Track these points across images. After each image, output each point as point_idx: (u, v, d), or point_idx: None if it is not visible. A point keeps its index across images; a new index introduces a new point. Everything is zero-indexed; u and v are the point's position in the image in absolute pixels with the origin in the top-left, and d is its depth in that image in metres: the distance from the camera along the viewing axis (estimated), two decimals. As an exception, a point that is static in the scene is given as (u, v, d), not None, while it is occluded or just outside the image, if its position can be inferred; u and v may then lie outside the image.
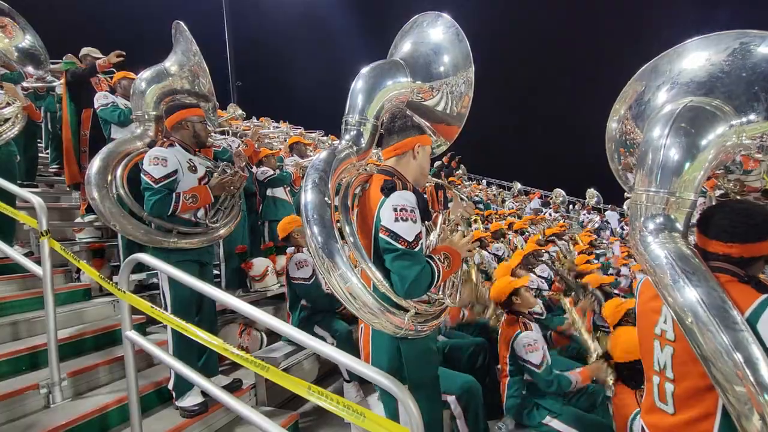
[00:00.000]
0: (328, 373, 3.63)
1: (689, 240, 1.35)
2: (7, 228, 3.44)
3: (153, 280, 3.72)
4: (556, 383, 2.49)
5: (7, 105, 3.64)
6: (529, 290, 2.86)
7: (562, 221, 11.24)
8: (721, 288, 1.17)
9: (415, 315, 1.58)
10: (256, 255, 4.36)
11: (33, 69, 4.51)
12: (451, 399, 2.34)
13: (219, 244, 4.03)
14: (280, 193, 4.75)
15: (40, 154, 5.73)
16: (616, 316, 2.87)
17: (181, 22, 2.96)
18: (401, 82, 1.91)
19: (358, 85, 1.87)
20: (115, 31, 15.05)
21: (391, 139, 1.75)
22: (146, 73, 2.90)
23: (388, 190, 1.57)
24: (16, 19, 4.53)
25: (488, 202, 12.36)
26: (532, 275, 4.08)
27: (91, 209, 3.68)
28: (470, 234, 1.78)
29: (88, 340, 2.89)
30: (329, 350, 1.51)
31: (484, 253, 5.48)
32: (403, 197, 1.55)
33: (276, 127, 9.94)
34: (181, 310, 2.39)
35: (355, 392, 3.12)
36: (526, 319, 2.74)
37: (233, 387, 2.73)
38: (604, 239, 10.77)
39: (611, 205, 14.60)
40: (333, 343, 3.13)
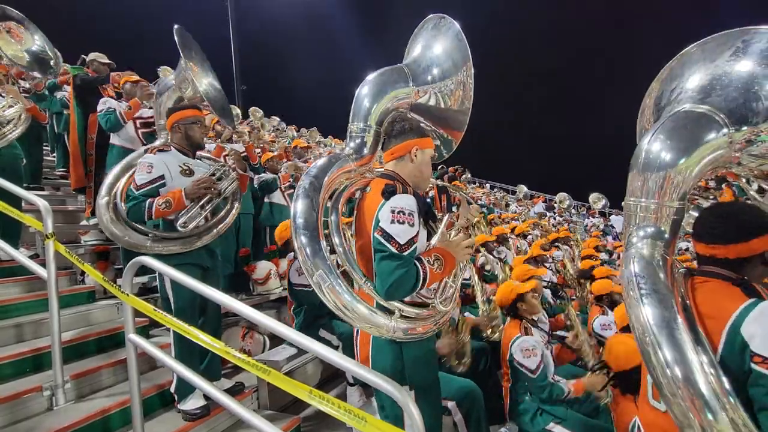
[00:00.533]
0: (332, 377, 3.61)
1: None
2: (13, 230, 3.47)
3: (156, 284, 3.74)
4: (548, 391, 2.50)
5: (10, 107, 3.68)
6: (536, 296, 2.85)
7: (566, 226, 11.18)
8: (676, 308, 1.17)
9: (404, 318, 1.56)
10: (259, 258, 4.37)
11: (39, 74, 4.54)
12: (451, 405, 2.32)
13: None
14: (278, 197, 4.74)
15: (46, 158, 5.78)
16: (624, 320, 2.86)
17: (182, 28, 2.98)
18: (403, 89, 1.93)
19: (363, 90, 1.88)
20: (115, 31, 15.14)
21: (391, 143, 1.77)
22: (164, 80, 3.04)
23: (388, 193, 1.57)
24: (26, 24, 4.58)
25: (492, 206, 12.32)
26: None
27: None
28: (471, 237, 1.75)
29: (91, 342, 2.90)
30: (330, 354, 1.50)
31: (489, 257, 5.46)
32: (403, 200, 1.55)
33: (276, 128, 9.98)
34: (183, 313, 2.39)
35: (359, 396, 3.11)
36: (528, 324, 2.73)
37: (235, 390, 2.73)
38: (608, 245, 10.69)
39: (616, 210, 14.51)
40: (339, 346, 3.12)
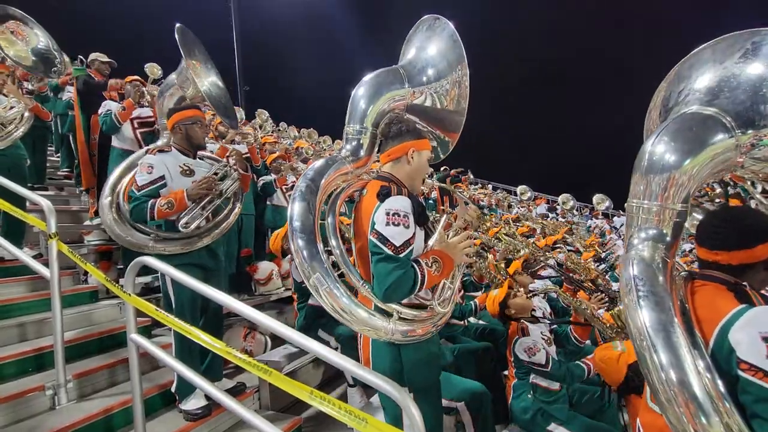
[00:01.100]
0: (333, 377, 3.62)
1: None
2: (16, 230, 3.48)
3: (158, 283, 3.74)
4: (569, 375, 2.50)
5: (11, 108, 3.69)
6: (520, 293, 2.85)
7: (568, 227, 11.13)
8: (673, 311, 1.16)
9: (402, 320, 1.56)
10: (261, 259, 4.37)
11: (44, 74, 4.56)
12: (460, 406, 2.32)
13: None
14: (280, 200, 4.74)
15: (50, 158, 5.80)
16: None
17: (184, 27, 2.98)
18: (399, 90, 1.93)
19: (359, 92, 1.89)
20: (115, 31, 15.04)
21: (387, 145, 1.77)
22: (164, 83, 3.04)
23: (383, 195, 1.57)
24: (30, 24, 4.60)
25: (494, 207, 12.29)
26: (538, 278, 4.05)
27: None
28: (471, 239, 1.75)
29: (93, 342, 2.91)
30: (331, 355, 1.50)
31: (490, 258, 5.45)
32: (398, 202, 1.55)
33: (278, 129, 9.99)
34: (184, 313, 2.40)
35: (360, 397, 3.11)
36: (525, 324, 2.74)
37: (237, 391, 2.73)
38: (609, 244, 10.63)
39: (619, 212, 14.43)
40: (337, 347, 3.12)
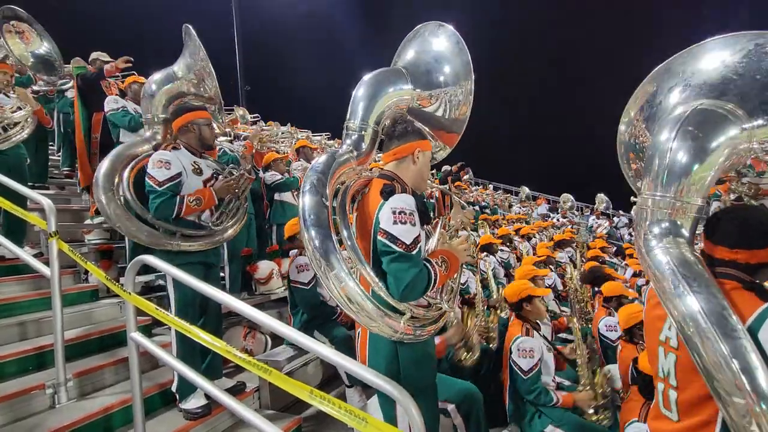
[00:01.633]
0: (333, 377, 3.61)
1: (697, 246, 1.32)
2: (17, 229, 3.49)
3: (159, 282, 3.75)
4: (536, 393, 2.52)
5: (18, 109, 3.70)
6: (543, 302, 2.86)
7: (570, 227, 11.13)
8: (722, 295, 1.14)
9: (412, 319, 1.57)
10: (261, 258, 4.38)
11: (46, 75, 4.58)
12: (451, 407, 2.30)
13: (224, 246, 4.04)
14: (288, 197, 4.77)
15: (51, 157, 5.81)
16: (628, 322, 2.84)
17: (190, 26, 2.98)
18: (402, 90, 1.93)
19: (359, 91, 1.89)
20: (115, 31, 15.05)
21: (392, 144, 1.76)
22: (156, 75, 2.88)
23: (387, 193, 1.57)
24: (34, 25, 4.62)
25: (495, 207, 12.29)
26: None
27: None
28: (471, 240, 1.76)
29: (94, 341, 2.91)
30: (331, 354, 1.50)
31: (491, 259, 5.45)
32: (403, 200, 1.55)
33: (283, 132, 9.96)
34: (185, 312, 2.40)
35: (358, 397, 3.11)
36: (530, 326, 2.74)
37: (237, 390, 2.73)
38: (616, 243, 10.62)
39: (620, 211, 14.43)
40: (331, 349, 3.14)
